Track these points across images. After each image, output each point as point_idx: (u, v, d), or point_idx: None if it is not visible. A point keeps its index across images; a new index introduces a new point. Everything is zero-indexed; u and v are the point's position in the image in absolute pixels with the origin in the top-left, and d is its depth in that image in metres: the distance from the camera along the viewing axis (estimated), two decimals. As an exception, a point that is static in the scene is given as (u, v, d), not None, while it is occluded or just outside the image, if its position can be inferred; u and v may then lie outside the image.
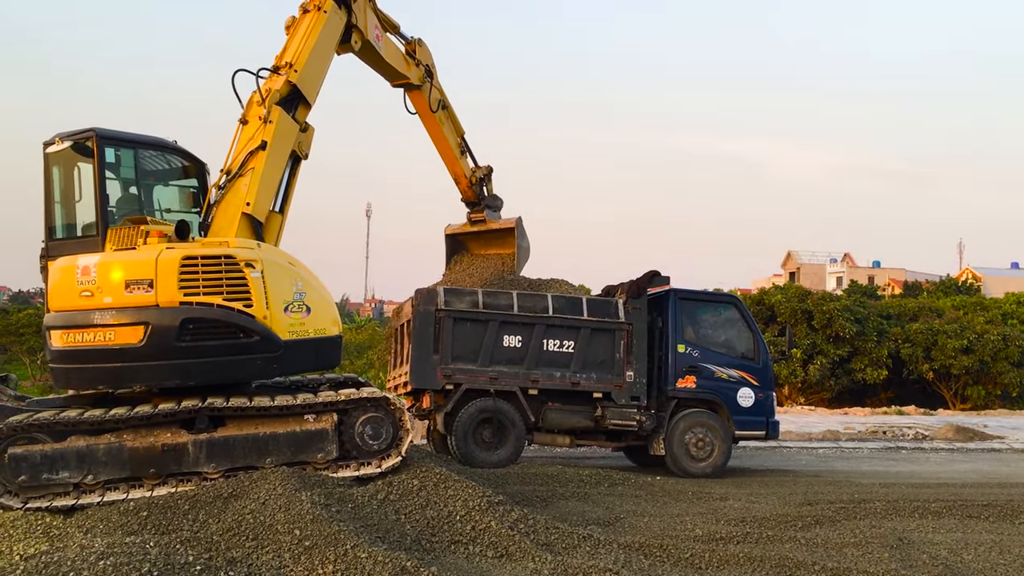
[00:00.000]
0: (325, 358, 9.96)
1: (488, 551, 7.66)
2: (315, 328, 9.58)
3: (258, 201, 9.98)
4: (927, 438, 21.00)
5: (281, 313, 9.27)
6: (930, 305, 38.58)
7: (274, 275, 9.29)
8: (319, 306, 9.67)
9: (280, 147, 10.25)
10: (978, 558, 8.08)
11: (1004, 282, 62.84)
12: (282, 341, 9.26)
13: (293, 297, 9.38)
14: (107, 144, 9.66)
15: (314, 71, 10.69)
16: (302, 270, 9.74)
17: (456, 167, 14.31)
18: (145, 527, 7.70)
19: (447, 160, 14.26)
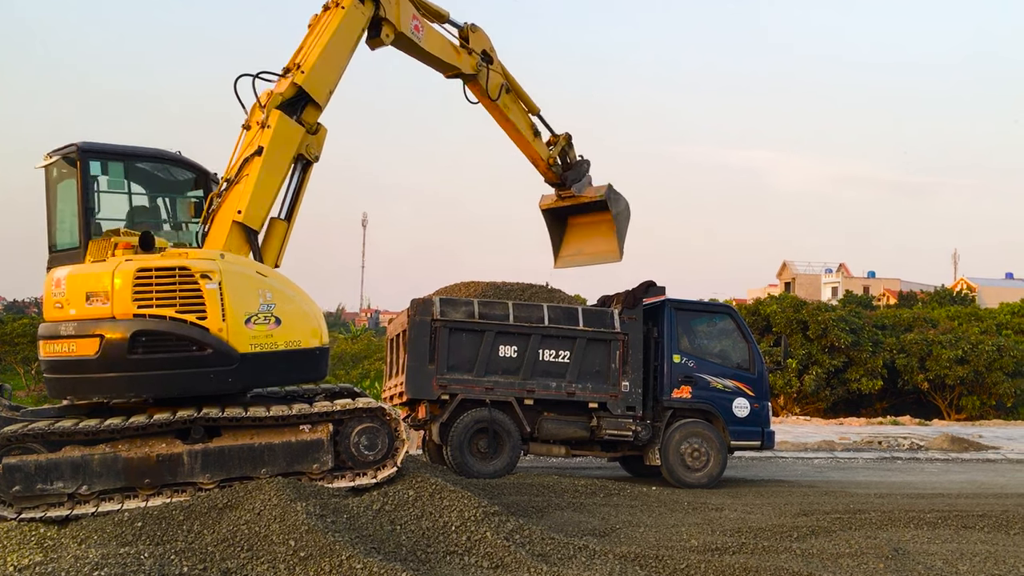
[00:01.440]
0: (301, 371, 9.65)
1: (483, 562, 7.65)
2: (286, 340, 9.31)
3: (250, 209, 9.74)
4: (922, 448, 21.01)
5: (241, 325, 9.03)
6: (925, 315, 38.62)
7: (234, 286, 9.04)
8: (293, 317, 9.39)
9: (278, 152, 9.95)
10: (973, 569, 8.08)
11: (998, 292, 62.98)
12: (238, 354, 8.99)
13: (258, 308, 9.13)
14: (92, 158, 9.74)
15: (324, 71, 10.28)
16: (275, 280, 9.50)
17: (530, 151, 13.45)
18: (140, 538, 7.67)
19: (519, 145, 13.41)
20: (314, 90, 10.19)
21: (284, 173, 10.07)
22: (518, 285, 14.39)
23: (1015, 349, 33.92)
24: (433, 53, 11.88)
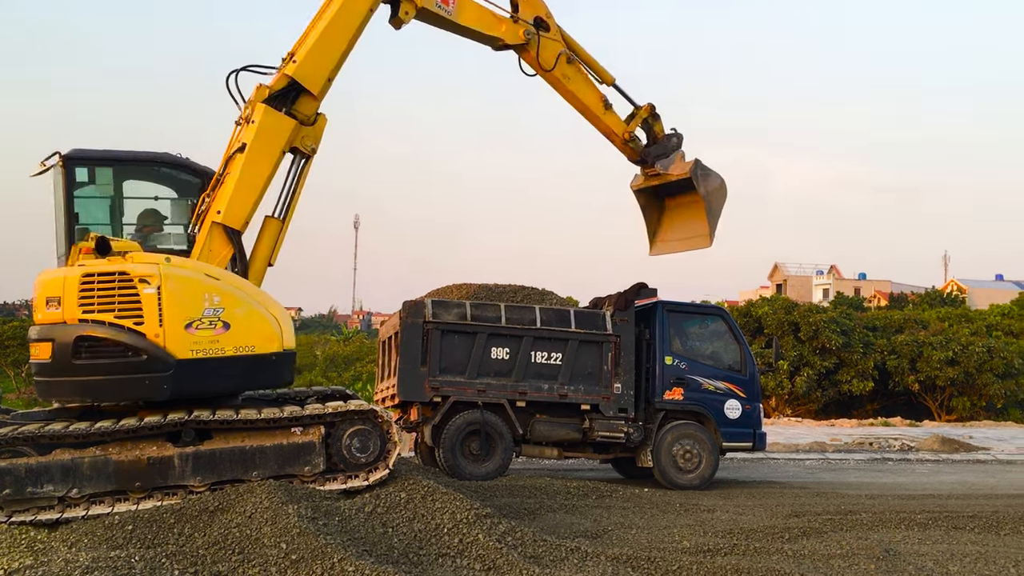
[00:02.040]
0: (254, 377, 9.38)
1: (475, 564, 7.64)
2: (236, 345, 9.10)
3: (231, 209, 9.56)
4: (913, 449, 21.08)
5: (181, 330, 8.90)
6: (915, 317, 38.79)
7: (175, 291, 8.91)
8: (246, 322, 9.17)
9: (264, 147, 9.69)
10: (964, 569, 8.11)
11: (989, 294, 63.28)
12: (175, 360, 8.84)
13: (202, 313, 8.97)
14: (77, 165, 9.73)
15: (319, 58, 9.91)
16: (228, 284, 9.26)
17: (601, 125, 12.47)
18: (130, 541, 7.65)
19: (588, 119, 12.47)
20: (307, 79, 9.86)
21: (270, 169, 9.79)
22: (510, 287, 14.39)
23: (1005, 350, 34.09)
24: (467, 26, 11.22)
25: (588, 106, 12.21)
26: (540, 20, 11.68)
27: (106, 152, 9.98)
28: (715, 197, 12.58)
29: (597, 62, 12.25)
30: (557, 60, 11.73)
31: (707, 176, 12.51)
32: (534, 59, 11.74)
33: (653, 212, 13.52)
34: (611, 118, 12.44)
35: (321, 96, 10.02)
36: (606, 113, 12.35)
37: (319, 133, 10.11)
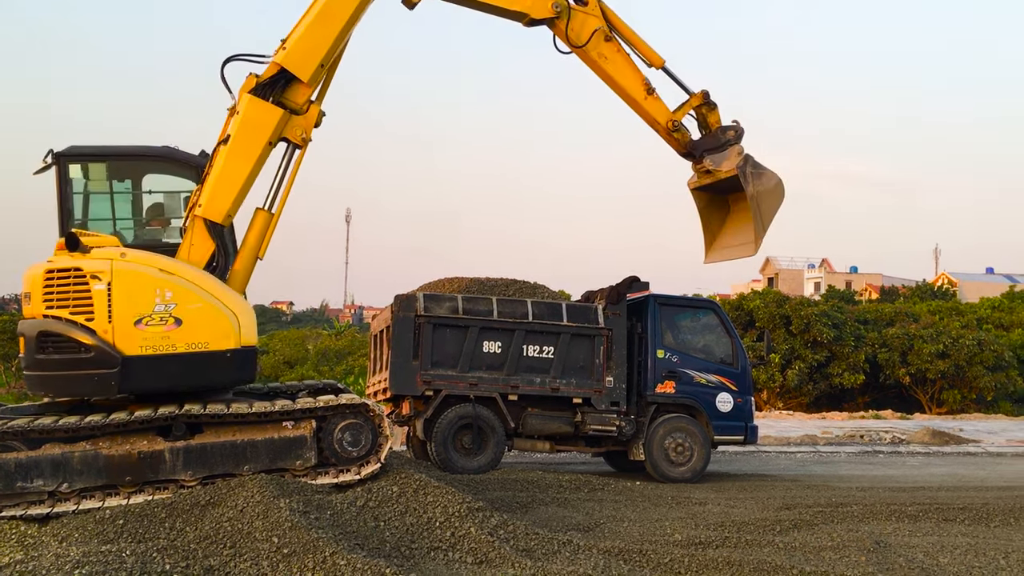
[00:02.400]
0: (207, 375, 9.11)
1: (468, 557, 7.65)
2: (188, 342, 8.94)
3: (211, 202, 9.39)
4: (904, 442, 21.15)
5: (130, 327, 8.81)
6: (906, 310, 38.91)
7: (125, 287, 8.83)
8: (199, 318, 8.98)
9: (247, 138, 9.45)
10: (954, 561, 8.14)
11: (979, 287, 63.53)
12: (121, 357, 8.76)
13: (153, 309, 8.86)
14: (71, 162, 9.71)
15: (310, 44, 9.56)
16: (184, 279, 9.06)
17: (641, 111, 11.38)
18: (121, 535, 7.63)
19: (627, 104, 11.43)
20: (296, 66, 9.54)
21: (254, 161, 9.53)
22: (502, 280, 14.37)
23: (995, 343, 34.21)
24: (488, 2, 10.67)
25: (626, 89, 11.15)
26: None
27: (99, 148, 9.92)
28: (765, 199, 11.23)
29: (644, 42, 11.16)
30: (592, 36, 10.80)
31: (759, 175, 11.19)
32: (563, 33, 10.86)
33: (713, 214, 12.18)
34: (654, 104, 11.28)
35: (313, 83, 9.70)
36: (647, 99, 11.18)
37: (310, 122, 9.78)
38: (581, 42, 10.82)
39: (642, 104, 11.25)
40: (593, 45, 10.87)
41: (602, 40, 10.89)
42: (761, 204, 11.22)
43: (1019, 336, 37.46)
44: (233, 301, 9.26)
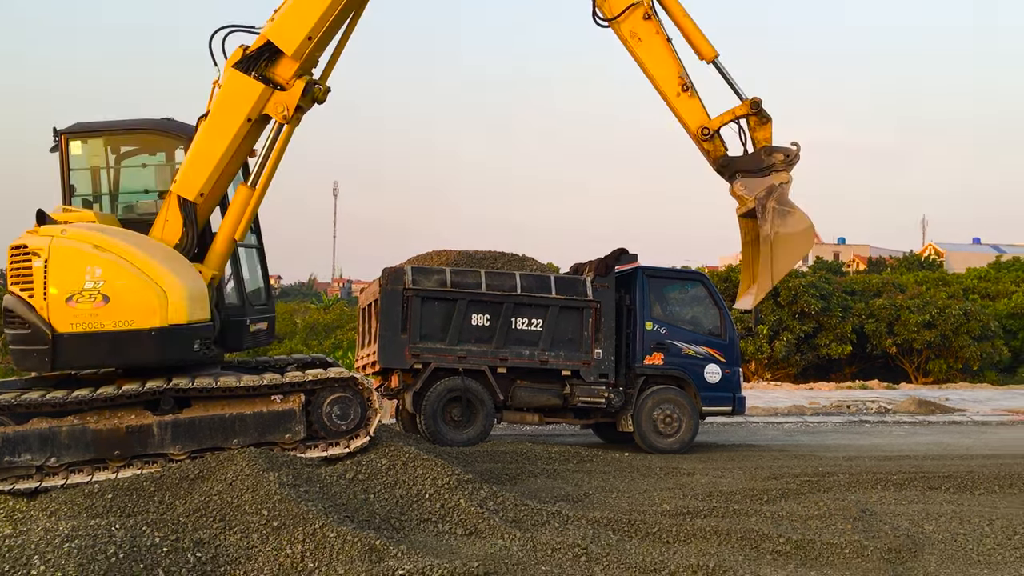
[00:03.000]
0: (133, 354, 8.86)
1: (457, 529, 7.69)
2: (115, 320, 8.72)
3: (184, 178, 9.21)
4: (890, 412, 21.31)
5: (62, 303, 8.73)
6: (893, 281, 39.06)
7: (60, 263, 8.76)
8: (127, 295, 8.74)
9: (225, 114, 9.15)
10: (939, 528, 8.22)
11: (966, 257, 63.76)
12: (54, 334, 8.70)
13: (83, 286, 8.71)
14: (72, 138, 9.79)
15: (296, 15, 9.07)
16: (115, 255, 8.81)
17: (673, 109, 9.82)
18: (110, 509, 7.63)
19: (661, 98, 9.93)
20: (281, 38, 9.04)
21: (230, 137, 9.18)
22: (490, 253, 14.35)
23: (981, 313, 34.41)
24: None
25: (657, 80, 9.67)
26: None
27: (98, 123, 9.94)
28: (784, 245, 9.33)
29: (696, 28, 9.68)
30: (627, 10, 9.49)
31: (784, 214, 9.34)
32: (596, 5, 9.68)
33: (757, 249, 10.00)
34: (686, 104, 9.67)
35: (298, 57, 9.14)
36: (680, 96, 9.64)
37: (293, 99, 9.19)
38: (613, 13, 9.53)
39: (673, 101, 9.73)
40: (628, 22, 9.53)
41: (639, 17, 9.50)
42: (777, 249, 9.33)
43: (1005, 306, 37.70)
44: (165, 277, 8.83)
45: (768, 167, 9.37)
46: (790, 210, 9.40)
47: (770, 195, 9.34)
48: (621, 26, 9.56)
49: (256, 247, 10.62)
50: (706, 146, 9.69)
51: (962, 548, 7.66)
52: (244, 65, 9.13)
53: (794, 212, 9.40)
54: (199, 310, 9.00)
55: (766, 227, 9.30)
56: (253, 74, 9.13)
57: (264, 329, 10.39)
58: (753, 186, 9.43)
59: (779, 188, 9.33)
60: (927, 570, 7.00)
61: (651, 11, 9.50)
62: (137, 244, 8.98)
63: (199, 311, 8.99)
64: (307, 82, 9.24)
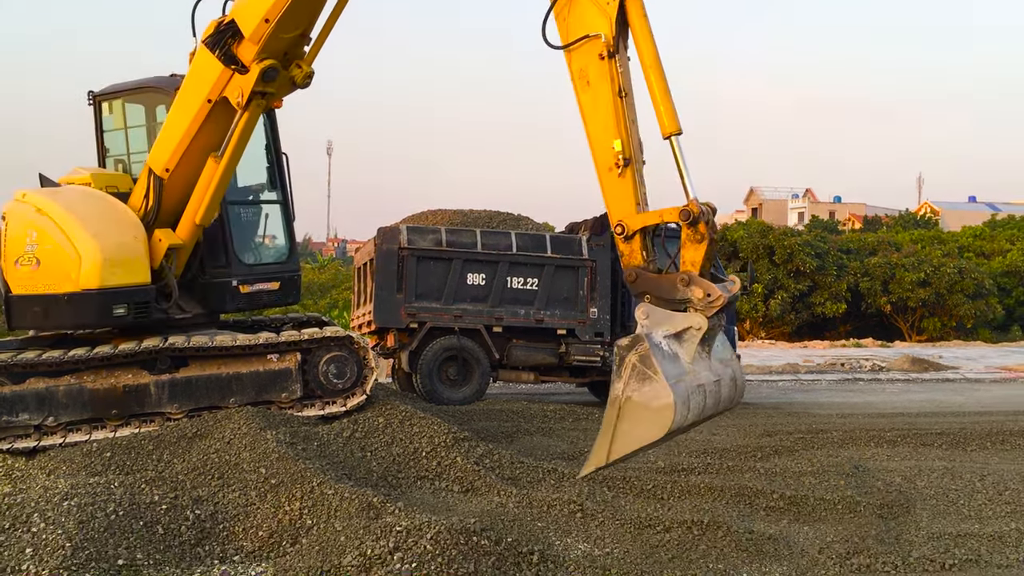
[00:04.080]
0: (52, 318, 8.91)
1: (454, 486, 7.75)
2: (44, 284, 8.76)
3: (155, 152, 8.99)
4: (884, 369, 21.43)
5: (12, 267, 8.93)
6: (889, 239, 39.09)
7: (11, 228, 8.95)
8: (51, 259, 8.72)
9: (191, 91, 8.68)
10: (931, 484, 8.30)
11: (961, 216, 63.70)
12: (7, 295, 9.00)
13: (24, 249, 8.82)
14: (103, 100, 9.98)
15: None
16: (48, 219, 8.77)
17: (600, 184, 6.98)
18: (109, 467, 7.67)
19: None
20: (241, 19, 8.20)
21: (192, 116, 8.67)
22: (486, 212, 14.33)
23: (976, 271, 34.51)
24: None
25: (591, 142, 6.96)
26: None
27: (122, 84, 9.98)
28: (631, 416, 6.21)
29: (665, 93, 6.59)
30: (580, 41, 6.80)
31: (643, 377, 6.18)
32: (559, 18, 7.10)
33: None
34: (614, 185, 6.83)
35: (256, 40, 8.17)
36: (610, 172, 6.81)
37: (248, 84, 8.32)
38: (567, 39, 6.96)
39: (601, 175, 6.94)
40: (579, 54, 6.85)
41: (595, 54, 6.78)
42: (623, 420, 6.27)
43: (999, 264, 37.79)
44: (84, 243, 8.67)
45: (682, 302, 6.46)
46: (652, 375, 6.22)
47: (634, 347, 6.28)
48: (572, 57, 6.97)
49: (279, 202, 10.27)
50: (621, 247, 7.01)
51: (953, 503, 7.74)
52: (210, 42, 8.42)
53: (655, 380, 6.18)
54: (120, 274, 8.79)
55: (618, 386, 6.30)
56: (217, 52, 8.38)
57: (274, 289, 10.10)
58: (658, 320, 6.54)
59: (656, 342, 6.30)
60: (919, 525, 7.07)
61: (612, 49, 6.68)
62: (71, 208, 8.88)
63: (119, 275, 8.79)
64: (268, 67, 8.28)
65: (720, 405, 6.41)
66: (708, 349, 6.35)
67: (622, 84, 6.71)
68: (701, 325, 6.24)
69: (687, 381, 6.02)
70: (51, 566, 5.51)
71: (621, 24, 6.56)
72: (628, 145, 6.75)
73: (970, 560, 6.22)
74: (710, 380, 6.23)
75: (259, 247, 10.28)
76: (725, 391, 6.43)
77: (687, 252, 6.67)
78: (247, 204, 10.07)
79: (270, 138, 10.05)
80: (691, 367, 6.11)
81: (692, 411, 5.99)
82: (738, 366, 6.64)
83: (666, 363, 5.98)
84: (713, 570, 5.89)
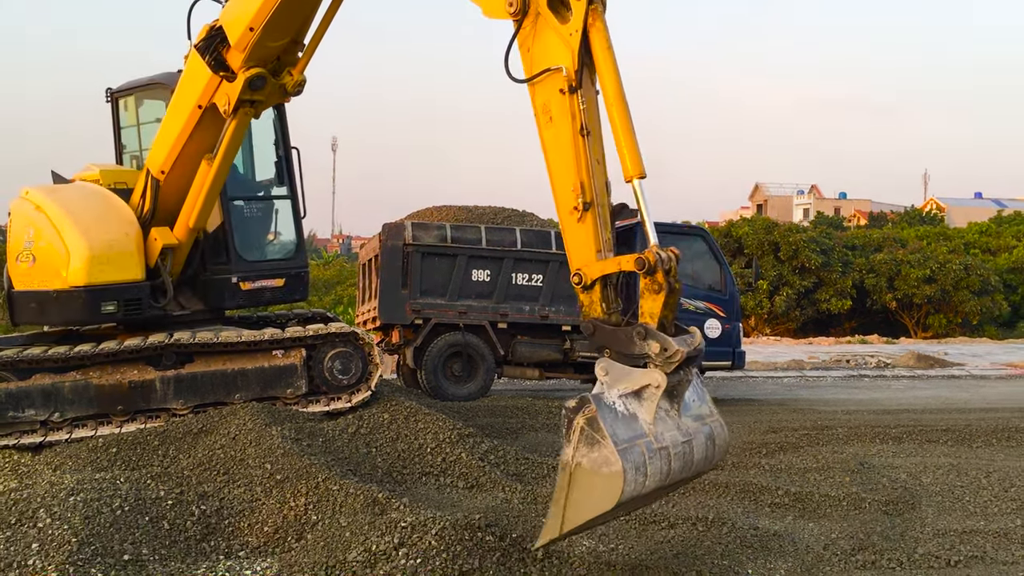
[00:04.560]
0: (47, 314, 8.95)
1: (459, 482, 7.75)
2: (39, 280, 8.85)
3: (152, 154, 8.95)
4: (889, 366, 21.40)
5: (14, 262, 9.08)
6: (894, 236, 39.03)
7: (14, 224, 9.10)
8: (45, 256, 8.77)
9: (183, 95, 8.54)
10: (936, 481, 8.29)
11: (967, 212, 63.58)
12: (10, 290, 9.11)
13: (23, 246, 8.94)
14: (119, 96, 10.06)
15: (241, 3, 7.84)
16: (44, 216, 8.80)
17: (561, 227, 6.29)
18: (115, 463, 7.69)
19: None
20: (227, 26, 7.95)
21: (184, 120, 8.52)
22: (490, 209, 14.33)
23: (982, 268, 34.43)
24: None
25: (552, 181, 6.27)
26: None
27: (135, 81, 9.98)
28: (582, 484, 5.36)
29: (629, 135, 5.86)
30: (543, 73, 6.05)
31: (591, 442, 5.38)
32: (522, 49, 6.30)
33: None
34: (574, 230, 6.13)
35: (241, 49, 7.89)
36: (571, 215, 6.10)
37: (234, 92, 8.08)
38: (529, 72, 6.17)
39: (561, 218, 6.24)
40: (542, 88, 6.09)
41: (556, 89, 6.04)
42: (575, 488, 5.44)
43: (1005, 260, 37.70)
44: (73, 240, 8.67)
45: (641, 357, 5.75)
46: (600, 440, 5.43)
47: (580, 409, 5.40)
48: (535, 91, 6.23)
49: (287, 198, 10.15)
50: (580, 297, 6.31)
51: (959, 500, 7.72)
52: (201, 47, 8.18)
53: (603, 445, 5.40)
54: (109, 271, 8.75)
55: (567, 451, 5.48)
56: (207, 58, 8.15)
57: (279, 286, 9.98)
58: (617, 376, 5.76)
59: (607, 405, 5.49)
60: (924, 522, 7.06)
61: (575, 84, 5.96)
62: (65, 206, 8.86)
63: (108, 272, 8.75)
64: (254, 76, 8.00)
65: (694, 468, 5.66)
66: (677, 406, 5.69)
67: (584, 121, 5.98)
68: (660, 383, 5.52)
69: (644, 444, 5.30)
70: (57, 561, 5.51)
71: (586, 56, 5.91)
72: (590, 188, 6.04)
73: (975, 557, 6.20)
74: (677, 441, 5.47)
75: (263, 243, 10.20)
76: (699, 452, 5.65)
77: (645, 303, 5.93)
78: (252, 200, 10.03)
79: (279, 133, 9.99)
80: (651, 428, 5.41)
81: (652, 477, 5.25)
82: (718, 422, 5.96)
83: (618, 425, 5.29)
84: (718, 566, 5.88)
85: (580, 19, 5.77)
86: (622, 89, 5.87)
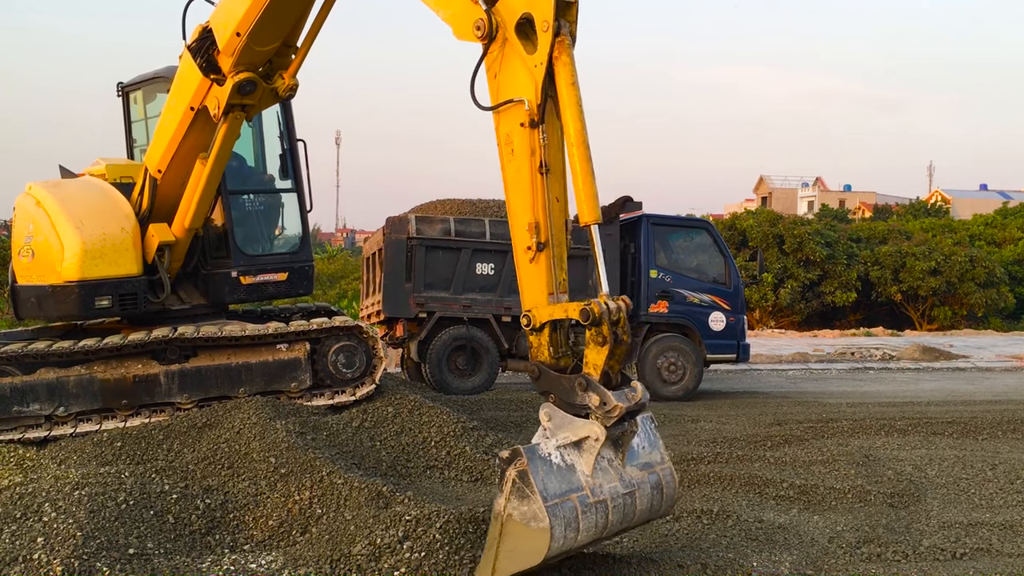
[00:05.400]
0: (45, 308, 8.94)
1: (463, 476, 7.75)
2: (37, 275, 8.91)
3: (150, 152, 8.89)
4: (894, 358, 21.37)
5: (16, 257, 9.16)
6: (899, 228, 38.96)
7: (17, 219, 9.16)
8: (43, 251, 8.79)
9: (176, 96, 8.41)
10: (941, 473, 8.28)
11: (972, 204, 63.40)
12: (14, 285, 9.20)
13: (24, 241, 9.01)
14: (129, 91, 10.07)
15: (226, 6, 7.63)
16: (43, 211, 8.80)
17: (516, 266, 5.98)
18: (119, 457, 7.70)
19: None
20: (216, 28, 7.75)
21: (178, 121, 8.42)
22: (495, 202, 14.30)
23: (987, 260, 34.36)
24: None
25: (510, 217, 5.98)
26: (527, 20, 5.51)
27: (146, 74, 9.96)
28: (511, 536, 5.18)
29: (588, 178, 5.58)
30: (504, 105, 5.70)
31: (522, 495, 5.14)
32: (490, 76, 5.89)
33: None
34: (527, 271, 5.88)
35: (229, 53, 7.70)
36: (525, 254, 5.85)
37: (223, 96, 7.90)
38: (493, 100, 5.83)
39: (516, 256, 5.94)
40: (506, 118, 5.73)
41: (516, 122, 5.69)
42: (505, 539, 5.24)
43: (1011, 252, 37.62)
44: (68, 235, 8.66)
45: (581, 407, 5.50)
46: (530, 495, 5.19)
47: (512, 462, 5.20)
48: (500, 120, 5.88)
49: (292, 191, 10.05)
50: (529, 339, 5.91)
51: (964, 492, 7.71)
52: (193, 48, 8.02)
53: (532, 500, 5.14)
54: (102, 266, 8.73)
55: (500, 502, 5.34)
56: (199, 60, 7.98)
57: (281, 280, 9.88)
58: (559, 424, 5.54)
59: (548, 452, 5.29)
60: (929, 514, 7.04)
61: (536, 118, 5.60)
62: (63, 201, 8.85)
63: (102, 267, 8.73)
64: (243, 81, 7.79)
65: (636, 518, 5.48)
66: (622, 455, 5.46)
67: (544, 159, 5.62)
68: (599, 436, 5.30)
69: (578, 499, 5.10)
70: (62, 555, 5.52)
71: (551, 89, 5.53)
72: (545, 228, 5.76)
73: (981, 549, 6.19)
74: (618, 493, 5.27)
75: (266, 237, 10.09)
76: (642, 502, 5.46)
77: (589, 353, 5.58)
78: (255, 194, 9.99)
79: (283, 126, 9.93)
80: (589, 480, 5.19)
81: (583, 532, 5.09)
82: (668, 469, 5.68)
83: (551, 479, 5.09)
84: (723, 559, 5.87)
85: (545, 51, 5.39)
86: (584, 129, 5.51)
